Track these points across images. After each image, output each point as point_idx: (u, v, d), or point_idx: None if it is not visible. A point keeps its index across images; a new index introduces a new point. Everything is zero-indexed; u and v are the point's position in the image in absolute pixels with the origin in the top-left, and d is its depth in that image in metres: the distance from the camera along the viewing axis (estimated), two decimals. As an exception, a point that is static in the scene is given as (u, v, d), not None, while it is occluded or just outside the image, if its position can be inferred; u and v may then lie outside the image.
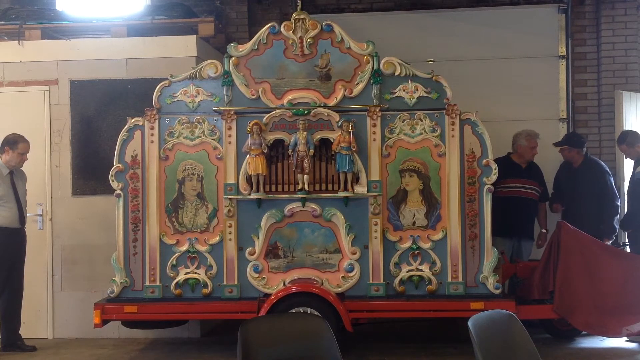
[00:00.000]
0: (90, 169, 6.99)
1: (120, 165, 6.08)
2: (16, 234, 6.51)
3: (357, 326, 6.00)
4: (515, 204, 6.78)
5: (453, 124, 5.97)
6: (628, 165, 7.32)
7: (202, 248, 6.06)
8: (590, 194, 6.83)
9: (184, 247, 6.07)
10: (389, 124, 6.01)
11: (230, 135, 6.04)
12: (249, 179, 5.99)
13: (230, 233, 6.02)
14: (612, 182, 6.95)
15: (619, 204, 6.93)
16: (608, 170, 6.97)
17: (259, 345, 3.16)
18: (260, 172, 5.90)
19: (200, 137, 6.08)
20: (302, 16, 6.06)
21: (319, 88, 6.04)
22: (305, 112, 5.95)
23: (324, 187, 5.99)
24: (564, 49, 7.95)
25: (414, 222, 6.00)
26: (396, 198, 6.01)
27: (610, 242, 6.70)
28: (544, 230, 7.13)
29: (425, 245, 5.98)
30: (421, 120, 6.00)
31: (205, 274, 6.04)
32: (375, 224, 5.96)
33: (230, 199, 6.01)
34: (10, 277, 6.47)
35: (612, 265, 6.10)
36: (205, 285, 6.03)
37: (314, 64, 6.04)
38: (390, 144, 6.00)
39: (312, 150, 5.90)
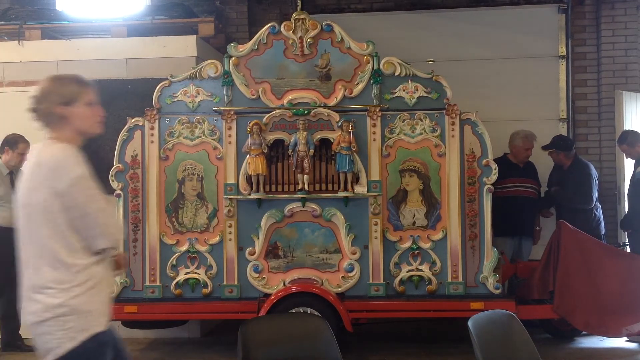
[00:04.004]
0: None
1: (120, 165, 6.08)
2: (16, 234, 6.50)
3: (357, 326, 6.00)
4: (516, 203, 6.78)
5: (453, 124, 5.97)
6: (628, 165, 7.32)
7: (202, 248, 6.06)
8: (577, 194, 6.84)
9: (184, 247, 6.07)
10: (389, 124, 6.01)
11: (230, 135, 6.04)
12: (249, 179, 5.99)
13: (230, 233, 6.02)
14: (593, 186, 6.81)
15: (587, 208, 6.78)
16: (594, 173, 6.88)
17: (259, 345, 3.16)
18: (260, 172, 5.90)
19: (200, 137, 6.08)
20: (302, 16, 6.06)
21: (319, 88, 6.04)
22: (305, 112, 5.95)
23: (324, 187, 5.98)
24: (564, 49, 7.95)
25: (414, 222, 6.00)
26: (396, 198, 6.01)
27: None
28: (537, 228, 7.15)
29: (425, 245, 5.98)
30: (421, 120, 6.00)
31: (205, 274, 6.04)
32: (375, 224, 5.96)
33: (230, 199, 6.01)
34: (10, 277, 6.46)
35: (612, 265, 6.10)
36: (205, 285, 6.03)
37: (314, 64, 6.04)
38: (390, 144, 6.00)
39: (312, 150, 5.90)
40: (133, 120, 6.12)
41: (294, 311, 5.74)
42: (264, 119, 5.96)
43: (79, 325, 2.79)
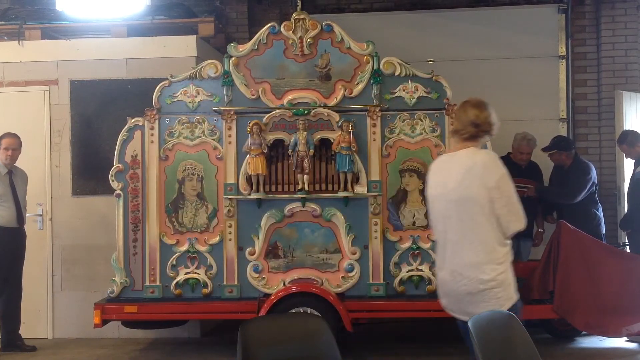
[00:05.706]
0: (90, 169, 6.98)
1: (120, 165, 6.08)
2: (15, 234, 6.51)
3: (357, 326, 6.00)
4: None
5: (453, 124, 5.96)
6: (628, 165, 7.32)
7: (202, 248, 6.06)
8: None
9: (184, 247, 6.07)
10: (389, 124, 6.00)
11: (230, 135, 6.03)
12: (249, 179, 5.99)
13: (230, 233, 6.02)
14: (585, 185, 6.73)
15: (570, 202, 6.74)
16: (593, 174, 6.83)
17: (259, 345, 3.16)
18: (260, 172, 5.90)
19: (200, 137, 6.08)
20: (302, 16, 6.06)
21: (319, 88, 6.04)
22: (305, 112, 5.95)
23: (324, 187, 5.98)
24: (564, 49, 7.96)
25: (414, 222, 6.00)
26: (396, 198, 6.01)
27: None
28: (540, 230, 7.14)
29: (425, 245, 5.97)
30: (421, 120, 6.00)
31: (205, 274, 6.04)
32: (375, 224, 5.95)
33: (230, 199, 6.01)
34: (9, 277, 6.47)
35: (612, 265, 6.10)
36: (205, 285, 6.02)
37: (314, 64, 6.04)
38: (390, 144, 6.00)
39: (312, 150, 5.90)
40: (133, 120, 6.11)
41: (294, 311, 5.74)
42: (264, 119, 5.95)
43: (506, 295, 3.53)
